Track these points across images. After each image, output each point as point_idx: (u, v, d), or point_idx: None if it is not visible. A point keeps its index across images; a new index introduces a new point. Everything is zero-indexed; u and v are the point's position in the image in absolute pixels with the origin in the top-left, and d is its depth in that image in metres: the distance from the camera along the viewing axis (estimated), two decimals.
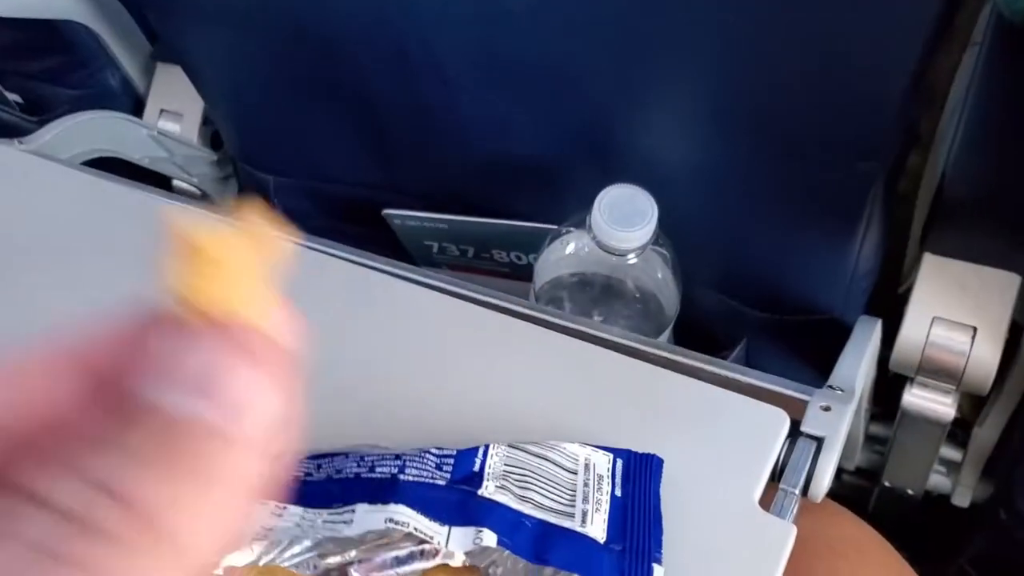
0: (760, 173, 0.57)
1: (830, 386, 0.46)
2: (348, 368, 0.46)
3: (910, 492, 0.68)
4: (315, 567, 0.38)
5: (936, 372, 0.58)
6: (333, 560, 0.39)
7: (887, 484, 0.69)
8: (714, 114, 0.55)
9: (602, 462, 0.39)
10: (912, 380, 0.60)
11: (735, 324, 0.65)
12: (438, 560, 0.38)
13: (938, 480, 0.69)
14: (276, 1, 0.60)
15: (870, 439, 0.70)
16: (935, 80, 0.55)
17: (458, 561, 0.38)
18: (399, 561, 0.38)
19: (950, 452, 0.68)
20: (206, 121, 0.80)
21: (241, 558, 0.38)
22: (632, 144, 0.58)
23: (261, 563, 0.38)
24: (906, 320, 0.58)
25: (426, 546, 0.38)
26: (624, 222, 0.54)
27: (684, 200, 0.57)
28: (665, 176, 0.56)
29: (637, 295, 0.60)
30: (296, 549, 0.38)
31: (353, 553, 0.39)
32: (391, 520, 0.35)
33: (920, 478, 0.67)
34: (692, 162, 0.58)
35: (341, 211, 0.73)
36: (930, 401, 0.60)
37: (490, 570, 0.38)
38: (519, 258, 0.70)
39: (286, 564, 0.38)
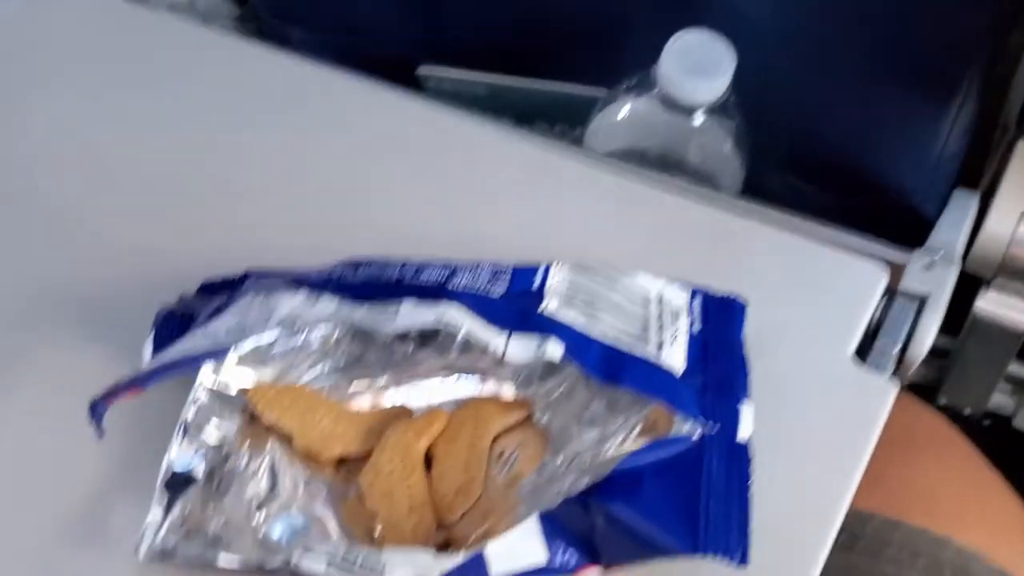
0: (854, 21, 0.50)
1: (929, 248, 0.41)
2: (391, 204, 0.41)
3: (968, 411, 0.63)
4: (338, 390, 0.33)
5: (1018, 273, 0.53)
6: (360, 385, 0.33)
7: (943, 403, 0.64)
8: None
9: (678, 297, 0.34)
10: (989, 282, 0.55)
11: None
12: (487, 388, 0.32)
13: (1001, 400, 0.64)
14: None
15: (928, 352, 0.65)
16: None
17: (508, 392, 0.33)
18: (438, 387, 0.33)
19: (1019, 369, 0.62)
20: None
21: (255, 377, 0.33)
22: None
23: (280, 383, 0.33)
24: (992, 212, 0.52)
25: (470, 376, 0.33)
26: (697, 71, 0.48)
27: (763, 57, 0.51)
28: (742, 26, 0.50)
29: (696, 171, 0.54)
30: (317, 371, 0.33)
31: (383, 379, 0.33)
32: (442, 320, 0.29)
33: (983, 396, 0.62)
34: (778, 9, 0.51)
35: (370, 72, 0.67)
36: (1007, 307, 0.55)
37: (535, 415, 0.33)
38: (564, 134, 0.65)
39: (307, 385, 0.33)
